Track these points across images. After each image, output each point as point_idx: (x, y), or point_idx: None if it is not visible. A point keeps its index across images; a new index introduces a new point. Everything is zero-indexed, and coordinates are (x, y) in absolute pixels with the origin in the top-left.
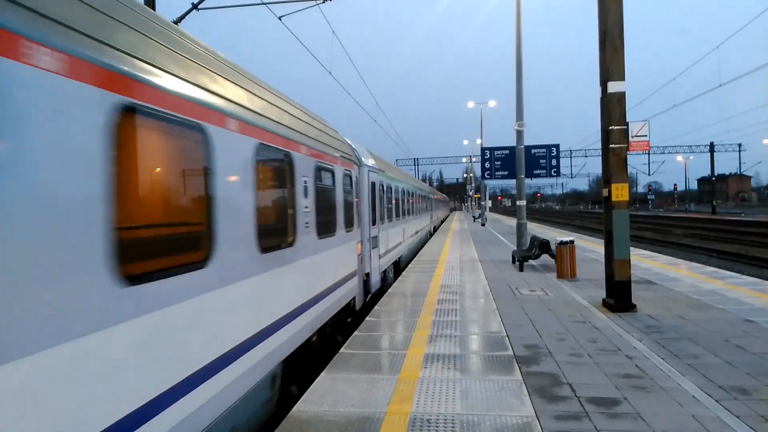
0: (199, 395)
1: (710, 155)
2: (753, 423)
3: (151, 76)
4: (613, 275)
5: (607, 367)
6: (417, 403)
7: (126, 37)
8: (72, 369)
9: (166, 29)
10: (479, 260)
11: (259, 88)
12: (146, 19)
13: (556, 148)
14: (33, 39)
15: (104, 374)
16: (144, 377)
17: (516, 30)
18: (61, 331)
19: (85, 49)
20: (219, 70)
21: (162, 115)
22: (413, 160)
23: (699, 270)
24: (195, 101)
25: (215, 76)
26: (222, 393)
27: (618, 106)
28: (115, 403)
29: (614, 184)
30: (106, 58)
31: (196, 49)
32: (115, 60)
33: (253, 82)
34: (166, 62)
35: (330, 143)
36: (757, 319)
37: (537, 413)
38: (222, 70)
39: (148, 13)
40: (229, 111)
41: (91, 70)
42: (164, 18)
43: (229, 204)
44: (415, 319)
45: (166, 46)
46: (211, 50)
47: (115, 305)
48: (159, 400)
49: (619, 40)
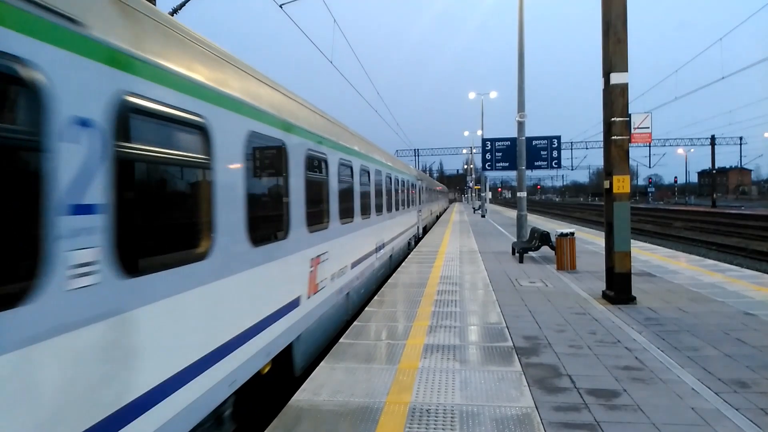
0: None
1: (711, 148)
2: (752, 416)
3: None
4: (613, 267)
5: (607, 359)
6: (416, 393)
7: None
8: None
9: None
10: (479, 251)
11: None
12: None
13: (557, 139)
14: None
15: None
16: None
17: (518, 22)
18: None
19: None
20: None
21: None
22: (414, 151)
23: (699, 263)
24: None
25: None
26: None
27: (620, 98)
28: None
29: (616, 175)
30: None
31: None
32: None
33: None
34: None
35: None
36: (756, 312)
37: (536, 404)
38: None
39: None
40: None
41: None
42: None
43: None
44: (414, 310)
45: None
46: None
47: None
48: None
49: (623, 31)
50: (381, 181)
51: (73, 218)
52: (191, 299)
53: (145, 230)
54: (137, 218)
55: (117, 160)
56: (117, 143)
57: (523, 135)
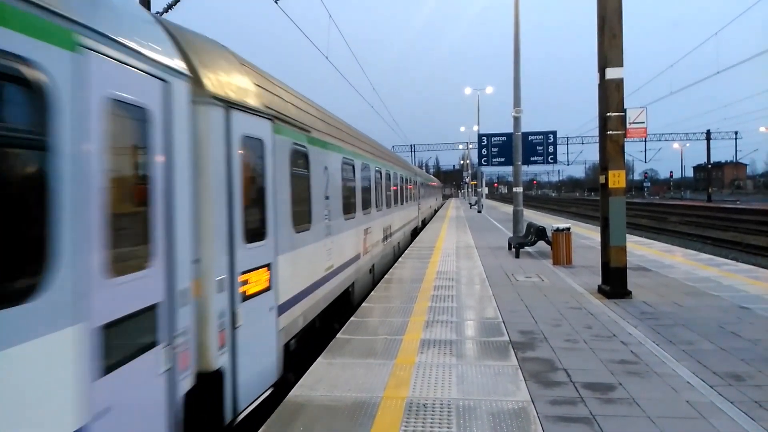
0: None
1: (707, 143)
2: (747, 409)
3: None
4: (608, 262)
5: (603, 353)
6: (413, 388)
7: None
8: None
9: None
10: (475, 247)
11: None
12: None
13: (553, 135)
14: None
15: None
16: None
17: (514, 17)
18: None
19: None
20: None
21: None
22: (410, 147)
23: (694, 257)
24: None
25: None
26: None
27: (616, 93)
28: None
29: (611, 170)
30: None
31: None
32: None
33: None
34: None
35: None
36: (751, 306)
37: (532, 398)
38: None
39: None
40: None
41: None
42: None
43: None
44: (411, 305)
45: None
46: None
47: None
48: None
49: (618, 26)
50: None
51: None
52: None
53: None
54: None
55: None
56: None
57: (519, 130)
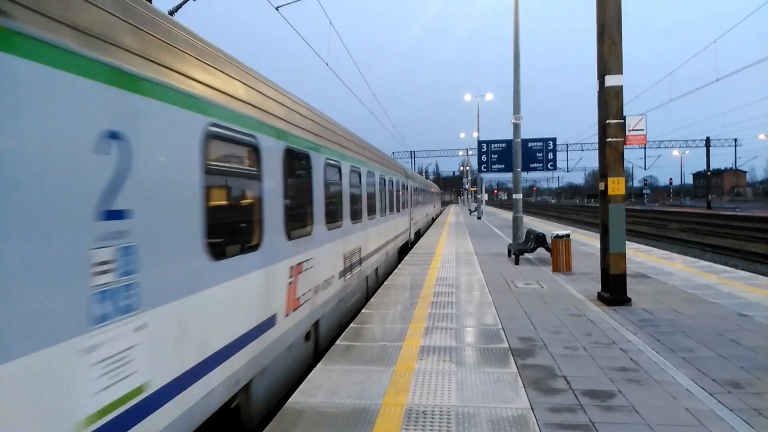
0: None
1: (706, 150)
2: (746, 416)
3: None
4: (608, 269)
5: (602, 360)
6: (413, 395)
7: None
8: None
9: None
10: (475, 253)
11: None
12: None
13: (552, 141)
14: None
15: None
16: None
17: (514, 25)
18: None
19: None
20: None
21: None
22: (410, 153)
23: (693, 264)
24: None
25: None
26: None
27: (615, 100)
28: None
29: (611, 177)
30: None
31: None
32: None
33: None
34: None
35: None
36: (751, 314)
37: (532, 405)
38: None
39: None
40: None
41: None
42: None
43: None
44: (411, 312)
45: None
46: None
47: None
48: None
49: (617, 33)
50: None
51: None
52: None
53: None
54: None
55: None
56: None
57: (518, 137)
